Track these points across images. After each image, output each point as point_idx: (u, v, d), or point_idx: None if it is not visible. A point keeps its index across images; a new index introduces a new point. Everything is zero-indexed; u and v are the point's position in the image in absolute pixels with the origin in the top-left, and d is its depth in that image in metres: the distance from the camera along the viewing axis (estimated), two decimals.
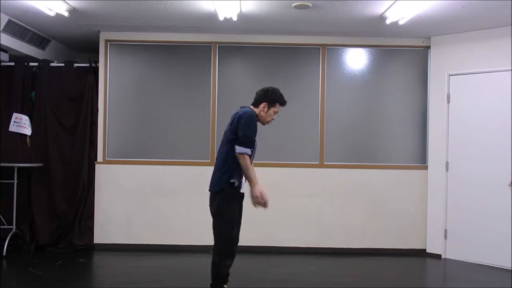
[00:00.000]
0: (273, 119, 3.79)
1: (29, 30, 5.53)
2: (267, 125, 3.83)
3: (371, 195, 5.81)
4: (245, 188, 3.65)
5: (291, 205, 5.78)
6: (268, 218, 5.76)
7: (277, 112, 3.78)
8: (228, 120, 3.74)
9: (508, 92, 5.17)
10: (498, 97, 5.25)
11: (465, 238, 5.47)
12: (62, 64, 5.91)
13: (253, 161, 3.69)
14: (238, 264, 3.88)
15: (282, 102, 3.75)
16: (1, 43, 5.21)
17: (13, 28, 5.25)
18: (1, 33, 5.09)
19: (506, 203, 5.16)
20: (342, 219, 5.81)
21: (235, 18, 4.90)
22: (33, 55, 5.88)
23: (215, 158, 5.63)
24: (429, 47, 5.80)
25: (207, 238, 3.53)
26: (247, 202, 3.63)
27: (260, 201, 3.50)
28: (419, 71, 5.88)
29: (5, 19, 5.04)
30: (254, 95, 3.79)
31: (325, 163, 5.83)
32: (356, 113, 5.89)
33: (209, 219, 3.65)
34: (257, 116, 3.68)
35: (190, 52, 5.86)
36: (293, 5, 4.60)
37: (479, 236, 5.35)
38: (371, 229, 5.81)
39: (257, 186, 3.50)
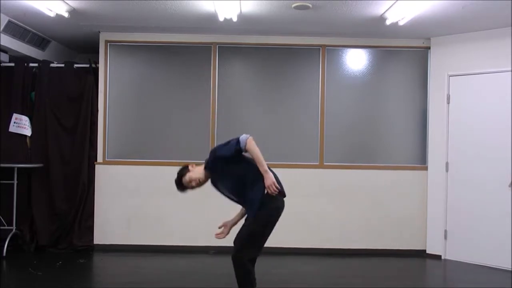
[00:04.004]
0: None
1: (29, 31, 5.53)
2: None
3: (371, 195, 5.81)
4: None
5: (290, 206, 5.69)
6: None
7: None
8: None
9: (508, 93, 5.17)
10: (498, 98, 5.25)
11: (465, 239, 5.46)
12: (62, 65, 5.91)
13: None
14: None
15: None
16: (1, 43, 5.21)
17: (13, 29, 5.25)
18: (1, 34, 5.08)
19: (506, 204, 5.15)
20: (342, 219, 5.80)
21: (235, 19, 4.90)
22: (33, 56, 5.88)
23: None
24: (429, 47, 5.79)
25: (206, 239, 3.53)
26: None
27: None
28: (419, 71, 5.88)
29: (5, 19, 5.04)
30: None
31: (325, 163, 5.83)
32: (356, 113, 5.89)
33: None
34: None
35: (190, 53, 5.86)
36: (293, 5, 4.60)
37: (479, 236, 5.34)
38: (371, 229, 5.80)
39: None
